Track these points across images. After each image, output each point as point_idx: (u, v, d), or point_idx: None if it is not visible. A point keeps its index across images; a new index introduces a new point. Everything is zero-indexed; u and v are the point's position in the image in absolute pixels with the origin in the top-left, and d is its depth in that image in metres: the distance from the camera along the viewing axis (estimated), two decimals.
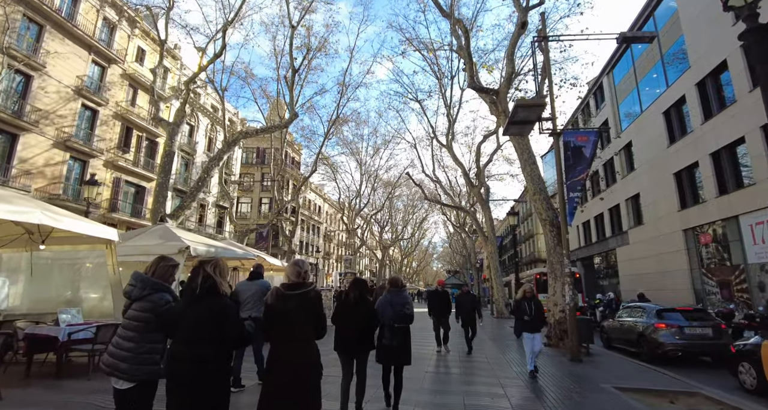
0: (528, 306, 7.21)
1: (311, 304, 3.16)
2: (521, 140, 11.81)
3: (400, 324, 4.81)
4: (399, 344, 4.72)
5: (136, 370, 2.88)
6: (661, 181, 21.19)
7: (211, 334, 2.68)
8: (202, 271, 2.86)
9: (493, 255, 22.50)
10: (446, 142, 23.31)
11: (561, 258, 10.84)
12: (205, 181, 14.06)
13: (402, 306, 4.90)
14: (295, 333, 3.06)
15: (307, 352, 3.09)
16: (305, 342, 3.10)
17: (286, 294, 3.14)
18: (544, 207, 11.20)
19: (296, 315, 3.06)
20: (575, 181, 8.66)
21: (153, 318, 2.97)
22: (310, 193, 54.46)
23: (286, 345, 3.05)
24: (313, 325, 3.13)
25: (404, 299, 5.04)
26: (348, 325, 4.53)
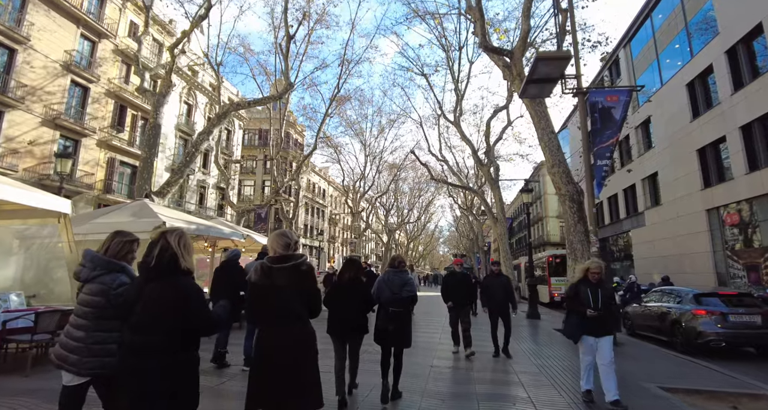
0: (592, 295, 4.63)
1: (304, 279, 2.73)
2: (538, 107, 10.64)
3: (397, 309, 4.40)
4: (396, 329, 4.36)
5: (86, 363, 2.54)
6: (682, 158, 19.93)
7: (167, 321, 2.19)
8: (161, 242, 2.32)
9: (503, 237, 21.45)
10: (454, 118, 22.06)
11: (582, 237, 9.80)
12: (194, 155, 13.07)
13: (400, 288, 4.51)
14: (287, 313, 2.66)
15: (303, 335, 2.70)
16: (299, 323, 2.71)
17: (274, 269, 2.69)
18: (564, 182, 10.09)
19: (287, 292, 2.65)
20: (603, 147, 7.55)
21: (104, 303, 2.58)
22: (314, 175, 53.44)
23: (277, 329, 2.67)
24: (306, 303, 2.73)
25: (403, 280, 4.60)
26: (340, 308, 4.27)
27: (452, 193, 42.12)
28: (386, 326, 4.35)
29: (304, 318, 2.76)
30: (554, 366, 6.42)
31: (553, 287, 18.48)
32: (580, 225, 9.89)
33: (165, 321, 2.19)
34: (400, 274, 4.68)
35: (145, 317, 2.22)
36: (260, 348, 2.70)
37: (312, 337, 2.77)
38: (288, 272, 2.67)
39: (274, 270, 2.70)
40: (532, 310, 12.63)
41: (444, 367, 6.23)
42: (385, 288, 4.57)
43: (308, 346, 2.74)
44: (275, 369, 2.61)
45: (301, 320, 2.73)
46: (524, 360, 6.80)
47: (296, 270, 2.70)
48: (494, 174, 21.63)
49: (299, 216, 46.98)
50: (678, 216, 20.28)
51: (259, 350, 2.69)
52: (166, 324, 2.18)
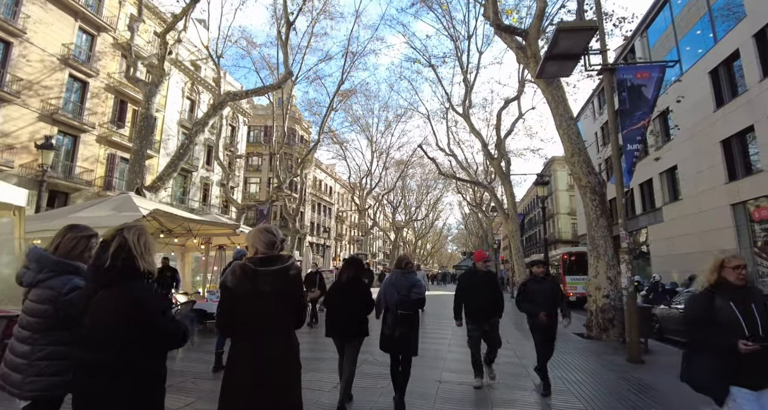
0: (744, 311, 2.59)
1: (292, 284, 2.38)
2: (556, 91, 9.80)
3: (405, 312, 4.14)
4: (402, 334, 4.09)
5: (30, 383, 2.16)
6: (704, 150, 18.86)
7: (121, 334, 1.88)
8: (118, 239, 2.01)
9: (515, 234, 20.58)
10: (463, 110, 21.19)
11: (605, 232, 8.97)
12: (188, 148, 12.40)
13: (408, 290, 4.22)
14: (271, 323, 2.30)
15: (287, 347, 2.34)
16: (284, 334, 2.35)
17: (259, 272, 2.30)
18: (584, 172, 9.26)
19: (273, 299, 2.28)
20: (633, 130, 6.69)
21: (53, 312, 2.21)
22: (321, 172, 52.79)
23: (258, 341, 2.27)
24: (294, 311, 2.39)
25: (411, 281, 4.30)
26: (339, 309, 4.15)
27: (461, 189, 41.22)
28: (393, 331, 4.09)
29: (290, 328, 2.40)
30: (583, 382, 5.60)
31: (568, 286, 17.55)
32: (602, 220, 9.06)
33: (119, 334, 1.87)
34: (408, 276, 4.37)
35: (96, 330, 1.90)
36: (236, 364, 2.28)
37: (297, 350, 2.40)
38: (275, 276, 2.29)
39: (259, 274, 2.29)
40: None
41: (454, 383, 5.38)
42: (392, 290, 4.28)
43: (292, 360, 2.35)
44: (255, 389, 2.21)
45: (286, 331, 2.37)
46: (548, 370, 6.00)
47: (284, 274, 2.32)
48: (505, 168, 20.74)
49: (306, 213, 46.38)
50: (700, 212, 19.23)
51: (233, 366, 2.28)
52: (120, 337, 1.87)
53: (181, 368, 5.61)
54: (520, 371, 6.05)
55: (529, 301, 5.08)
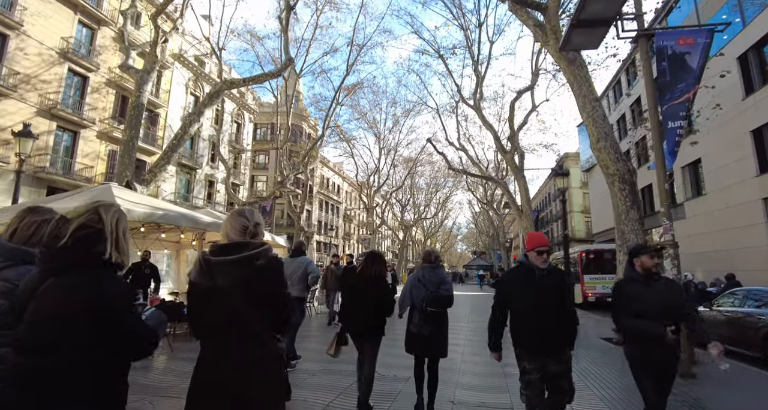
0: None
1: (261, 278, 1.80)
2: (578, 70, 8.87)
3: (435, 309, 3.87)
4: (431, 333, 3.82)
5: None
6: (732, 141, 17.72)
7: (72, 334, 1.43)
8: (88, 216, 1.58)
9: (529, 231, 19.56)
10: (474, 102, 20.25)
11: (636, 226, 8.01)
12: (182, 139, 11.68)
13: (437, 286, 3.97)
14: (239, 327, 1.76)
15: (255, 359, 1.75)
16: (253, 342, 1.77)
17: (213, 262, 1.81)
18: (612, 158, 8.31)
19: (235, 297, 1.75)
20: (676, 105, 5.76)
21: (8, 307, 1.72)
22: (328, 171, 52.13)
23: (220, 350, 1.77)
24: (267, 313, 1.81)
25: (440, 277, 4.06)
26: (358, 306, 3.90)
27: (471, 186, 40.23)
28: (421, 329, 3.81)
29: (264, 334, 1.83)
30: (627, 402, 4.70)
31: (586, 286, 16.56)
32: (633, 212, 8.11)
33: (69, 335, 1.44)
34: (437, 271, 4.10)
35: (39, 327, 1.46)
36: (196, 379, 1.80)
37: (274, 363, 1.83)
38: (235, 267, 1.80)
39: (214, 265, 1.83)
40: None
41: (471, 406, 4.40)
42: (419, 286, 3.99)
43: (264, 377, 1.77)
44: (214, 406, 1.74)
45: (257, 338, 1.80)
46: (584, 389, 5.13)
47: (248, 264, 1.81)
48: (519, 162, 19.76)
49: (313, 212, 45.72)
50: (727, 207, 18.10)
51: (193, 381, 1.81)
52: (70, 338, 1.44)
53: (146, 381, 4.80)
54: None
55: (637, 314, 3.01)
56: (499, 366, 5.75)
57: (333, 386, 4.86)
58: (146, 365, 5.48)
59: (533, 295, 3.09)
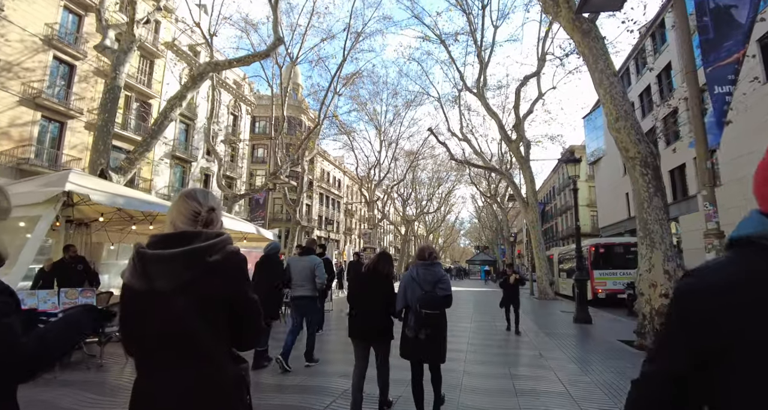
0: None
1: (215, 278, 1.35)
2: (594, 42, 7.96)
3: (430, 311, 3.52)
4: (428, 337, 3.45)
5: None
6: (751, 128, 16.72)
7: None
8: None
9: (535, 224, 18.71)
10: (477, 89, 19.28)
11: (660, 215, 7.14)
12: (163, 125, 10.82)
13: (433, 286, 3.62)
14: (182, 345, 1.32)
15: (207, 385, 1.30)
16: (200, 363, 1.32)
17: (152, 258, 1.35)
18: (633, 140, 7.42)
19: (176, 303, 1.31)
20: (721, 66, 4.86)
21: None
22: (328, 164, 51.24)
23: (158, 375, 1.33)
24: (222, 324, 1.35)
25: (436, 276, 3.70)
26: (368, 306, 3.67)
27: (474, 180, 39.27)
28: (417, 333, 3.49)
29: (217, 353, 1.33)
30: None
31: (596, 282, 15.66)
32: (657, 199, 7.23)
33: None
34: (432, 268, 3.75)
35: None
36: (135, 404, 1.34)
37: (229, 391, 1.33)
38: (177, 265, 1.31)
39: (149, 262, 1.34)
40: (582, 313, 9.97)
41: None
42: (414, 286, 3.68)
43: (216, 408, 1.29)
44: None
45: (207, 358, 1.32)
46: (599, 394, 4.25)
47: (195, 260, 1.33)
48: (524, 151, 18.82)
49: (313, 206, 44.89)
50: (746, 199, 17.11)
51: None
52: None
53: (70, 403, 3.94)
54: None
55: None
56: (508, 377, 4.90)
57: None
58: (87, 379, 4.64)
59: None
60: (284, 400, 4.12)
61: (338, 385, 4.61)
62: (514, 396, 4.15)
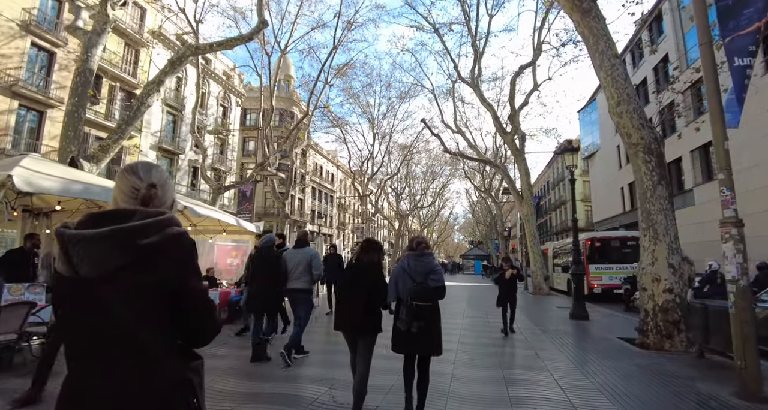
0: None
1: (152, 264, 1.18)
2: (594, 22, 7.49)
3: (422, 303, 3.36)
4: (421, 329, 3.31)
5: None
6: (751, 119, 16.32)
7: None
8: None
9: (530, 218, 18.28)
10: (472, 79, 18.76)
11: (665, 205, 6.71)
12: (139, 111, 10.22)
13: (425, 277, 3.48)
14: (106, 340, 1.15)
15: (137, 392, 1.12)
16: (136, 363, 1.15)
17: (71, 239, 1.16)
18: (636, 125, 6.97)
19: (104, 293, 1.14)
20: (742, 36, 4.39)
21: None
22: (321, 158, 50.58)
23: (88, 377, 1.15)
24: (163, 318, 1.19)
25: (428, 267, 3.53)
26: (351, 298, 3.52)
27: (468, 174, 38.84)
28: (409, 326, 3.35)
29: (156, 351, 1.16)
30: None
31: (592, 276, 15.28)
32: (660, 188, 6.80)
33: None
34: (423, 259, 3.64)
35: None
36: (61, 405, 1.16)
37: (170, 392, 1.16)
38: (104, 248, 1.13)
39: (70, 243, 1.15)
40: (578, 309, 9.54)
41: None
42: (404, 277, 3.59)
43: None
44: None
45: (144, 357, 1.15)
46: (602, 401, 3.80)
47: (126, 243, 1.14)
48: (519, 144, 18.36)
49: (306, 201, 44.28)
50: (744, 192, 16.77)
51: None
52: None
53: None
54: None
55: None
56: (502, 382, 4.43)
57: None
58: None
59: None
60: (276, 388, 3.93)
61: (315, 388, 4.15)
62: (508, 407, 3.67)
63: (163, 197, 1.33)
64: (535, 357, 5.74)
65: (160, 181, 1.33)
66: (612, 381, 4.56)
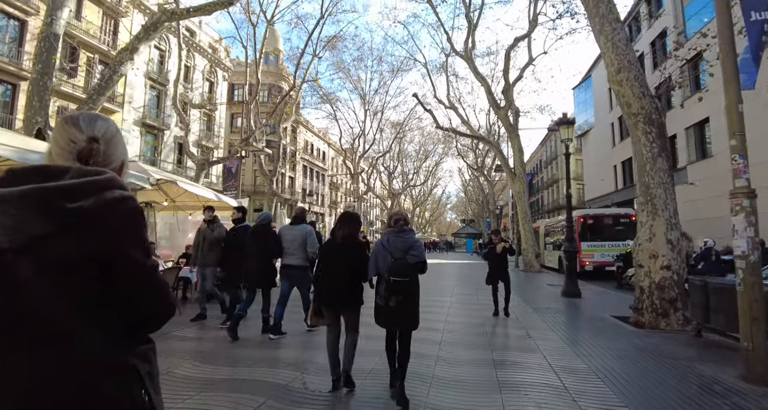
0: None
1: (83, 233, 0.93)
2: None
3: (399, 279, 3.34)
4: (399, 304, 3.31)
5: None
6: (747, 94, 15.98)
7: None
8: None
9: (522, 195, 17.99)
10: (465, 52, 18.10)
11: (665, 178, 6.39)
12: (111, 79, 9.61)
13: (404, 253, 3.46)
14: (22, 324, 0.91)
15: (61, 384, 0.89)
16: (60, 351, 0.91)
17: None
18: (636, 94, 6.57)
19: (21, 267, 0.89)
20: None
21: None
22: (312, 136, 49.69)
23: (12, 357, 0.90)
24: (95, 297, 0.96)
25: (408, 243, 3.53)
26: (332, 273, 3.59)
27: (461, 152, 38.36)
28: (387, 301, 3.32)
29: (86, 334, 0.95)
30: None
31: (584, 254, 15.12)
32: (661, 160, 6.46)
33: None
34: (403, 235, 3.57)
35: None
36: None
37: (106, 381, 0.95)
38: (18, 212, 0.91)
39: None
40: (570, 286, 9.32)
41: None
42: (383, 253, 3.53)
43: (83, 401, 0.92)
44: None
45: (72, 340, 0.93)
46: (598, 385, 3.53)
47: (46, 205, 0.93)
48: (513, 119, 17.88)
49: (296, 179, 43.67)
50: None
51: None
52: None
53: None
54: None
55: None
56: (491, 365, 4.14)
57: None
58: None
59: None
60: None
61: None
62: (497, 392, 3.37)
63: (109, 155, 1.11)
64: (526, 337, 5.48)
65: (105, 136, 1.12)
66: (608, 363, 4.29)
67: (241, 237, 5.99)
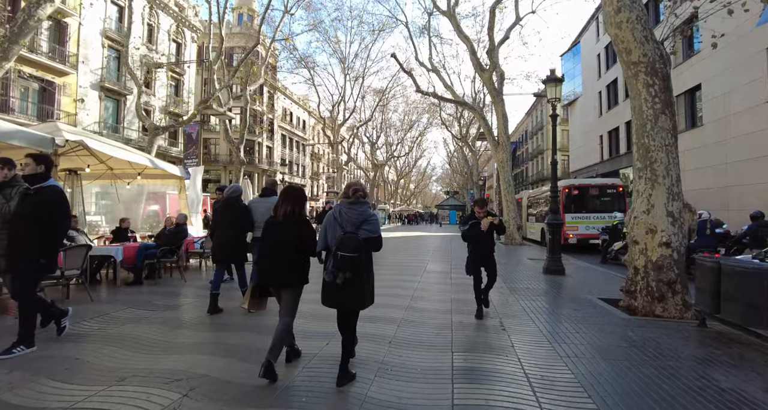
0: None
1: None
2: None
3: (347, 254, 3.05)
4: (347, 281, 3.05)
5: None
6: (741, 62, 15.15)
7: None
8: None
9: (505, 165, 17.03)
10: (448, 8, 16.63)
11: (668, 139, 5.43)
12: (26, 24, 8.17)
13: (356, 227, 3.17)
14: None
15: None
16: None
17: None
18: (638, 38, 5.50)
19: None
20: None
21: None
22: (291, 103, 47.62)
23: None
24: None
25: (362, 216, 3.22)
26: (274, 252, 3.32)
27: (446, 122, 37.08)
28: (334, 277, 3.04)
29: None
30: None
31: (567, 226, 14.37)
32: (664, 119, 5.48)
33: None
34: (358, 207, 3.23)
35: None
36: None
37: None
38: None
39: None
40: (553, 263, 8.49)
41: None
42: (334, 225, 3.24)
43: None
44: None
45: None
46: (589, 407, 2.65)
47: None
48: (497, 83, 16.68)
49: (275, 149, 41.97)
50: (727, 139, 15.98)
51: None
52: None
53: None
54: None
55: None
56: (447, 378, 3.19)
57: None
58: None
59: None
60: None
61: None
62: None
63: None
64: (499, 328, 4.58)
65: None
66: (597, 368, 3.40)
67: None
